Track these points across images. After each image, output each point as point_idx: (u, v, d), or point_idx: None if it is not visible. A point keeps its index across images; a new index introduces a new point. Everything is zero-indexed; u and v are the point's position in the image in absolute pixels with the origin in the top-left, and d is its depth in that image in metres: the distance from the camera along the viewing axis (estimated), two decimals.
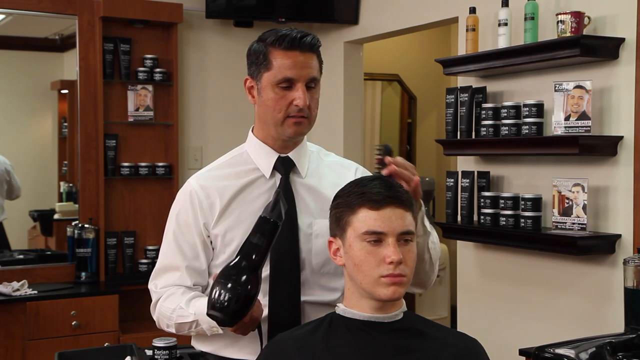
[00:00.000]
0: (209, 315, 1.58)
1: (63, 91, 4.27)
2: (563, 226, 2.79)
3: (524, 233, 2.92)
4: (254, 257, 1.57)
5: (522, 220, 2.93)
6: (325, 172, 1.88)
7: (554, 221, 2.83)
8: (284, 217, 1.61)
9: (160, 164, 4.08)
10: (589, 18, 2.79)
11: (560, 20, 2.76)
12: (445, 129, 3.33)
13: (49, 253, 4.19)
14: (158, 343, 1.81)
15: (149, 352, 1.85)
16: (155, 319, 1.85)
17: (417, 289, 1.84)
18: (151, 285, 1.86)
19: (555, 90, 2.79)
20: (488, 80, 3.27)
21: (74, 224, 3.92)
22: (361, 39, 4.25)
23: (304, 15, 4.26)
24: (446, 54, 5.30)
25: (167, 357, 1.80)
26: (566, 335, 2.56)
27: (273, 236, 1.59)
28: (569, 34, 2.74)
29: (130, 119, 4.04)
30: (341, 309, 1.59)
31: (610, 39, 2.74)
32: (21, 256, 4.06)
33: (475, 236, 3.22)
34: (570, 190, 2.78)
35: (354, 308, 1.57)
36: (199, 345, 1.85)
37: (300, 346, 1.54)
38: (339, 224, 1.58)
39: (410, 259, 1.54)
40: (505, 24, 3.04)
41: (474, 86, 3.24)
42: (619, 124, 2.75)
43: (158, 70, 4.06)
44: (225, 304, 1.53)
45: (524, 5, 2.97)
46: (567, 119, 2.75)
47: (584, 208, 2.73)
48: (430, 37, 5.58)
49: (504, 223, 3.01)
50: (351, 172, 1.90)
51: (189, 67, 4.30)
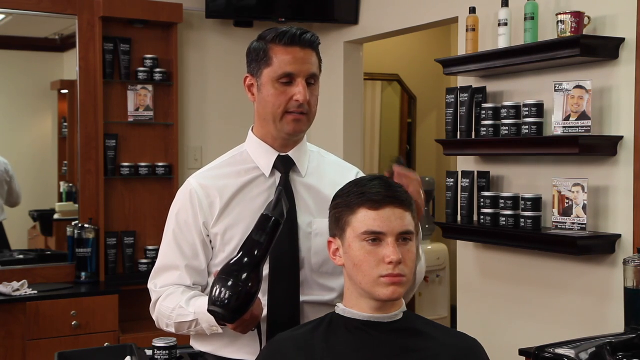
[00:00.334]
0: (209, 312, 1.58)
1: (63, 91, 4.27)
2: (563, 226, 2.79)
3: (524, 233, 2.92)
4: (255, 255, 1.57)
5: (522, 220, 2.93)
6: (326, 172, 1.88)
7: (554, 221, 2.83)
8: (285, 216, 1.61)
9: (160, 164, 4.08)
10: (589, 18, 2.79)
11: (560, 20, 2.76)
12: (445, 129, 3.33)
13: (49, 253, 4.19)
14: (158, 343, 1.81)
15: (149, 352, 1.85)
16: (154, 318, 1.85)
17: None
18: (151, 285, 1.86)
19: (555, 90, 2.79)
20: (488, 80, 3.27)
21: (74, 224, 3.91)
22: (361, 39, 4.25)
23: (304, 15, 4.26)
24: (446, 54, 5.29)
25: (167, 357, 1.80)
26: (566, 335, 2.56)
27: (275, 234, 1.59)
28: (569, 34, 2.74)
29: (130, 119, 4.04)
30: (341, 309, 1.59)
31: (610, 39, 2.74)
32: (21, 256, 4.06)
33: (475, 236, 3.22)
34: (570, 190, 2.77)
35: (353, 308, 1.57)
36: (198, 345, 1.85)
37: (300, 346, 1.54)
38: (338, 224, 1.58)
39: (410, 259, 1.54)
40: (505, 24, 3.04)
41: (474, 86, 3.24)
42: (619, 124, 2.75)
43: (158, 70, 4.06)
44: (226, 300, 1.53)
45: (524, 5, 2.97)
46: (567, 119, 2.75)
47: (584, 208, 2.73)
48: (430, 37, 5.58)
49: (504, 223, 3.01)
50: (352, 174, 1.91)
51: (189, 67, 4.30)
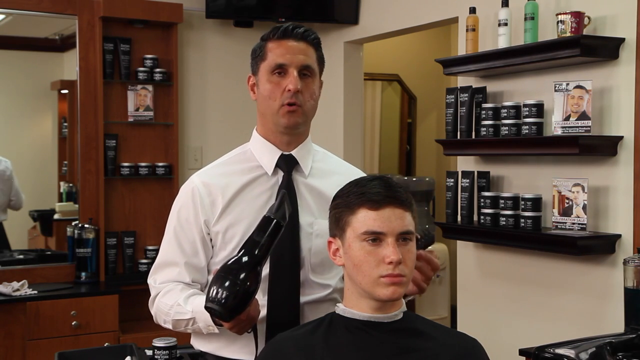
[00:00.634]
0: (206, 308, 1.58)
1: (63, 91, 4.27)
2: (563, 226, 2.79)
3: (524, 233, 2.92)
4: (255, 255, 1.58)
5: (522, 220, 2.93)
6: (329, 173, 1.89)
7: (554, 221, 2.83)
8: (287, 219, 1.62)
9: (160, 164, 4.08)
10: (589, 18, 2.78)
11: (560, 20, 2.76)
12: (445, 129, 3.33)
13: (49, 253, 4.19)
14: (158, 343, 1.81)
15: (149, 352, 1.85)
16: (152, 313, 1.87)
17: None
18: (150, 280, 1.87)
19: (555, 90, 2.79)
20: (488, 80, 3.27)
21: (74, 224, 3.91)
22: (361, 39, 4.25)
23: (304, 15, 4.26)
24: (446, 54, 5.29)
25: (167, 357, 1.80)
26: (566, 335, 2.56)
27: (275, 236, 1.60)
28: (569, 34, 2.74)
29: (130, 119, 4.04)
30: (341, 309, 1.59)
31: (610, 39, 2.74)
32: (21, 256, 4.06)
33: (475, 236, 3.22)
34: (570, 190, 2.77)
35: (353, 308, 1.56)
36: (198, 345, 1.86)
37: (300, 346, 1.54)
38: (338, 224, 1.57)
39: (410, 259, 1.54)
40: (505, 24, 3.04)
41: (474, 86, 3.24)
42: (619, 124, 2.75)
43: (158, 70, 4.06)
44: (224, 299, 1.53)
45: (524, 5, 2.97)
46: (567, 119, 2.75)
47: (584, 208, 2.73)
48: (430, 37, 5.58)
49: (504, 223, 3.01)
50: (356, 177, 1.90)
51: (189, 67, 4.30)
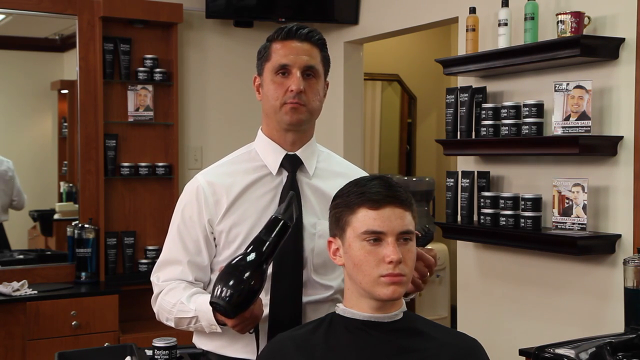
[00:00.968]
0: (211, 304, 1.60)
1: (63, 91, 4.27)
2: (563, 226, 2.79)
3: (524, 233, 2.92)
4: (261, 253, 1.59)
5: (522, 220, 2.93)
6: (333, 174, 1.89)
7: (554, 221, 2.83)
8: (294, 221, 1.64)
9: (160, 164, 4.08)
10: (589, 18, 2.79)
11: (560, 20, 2.76)
12: (445, 129, 3.33)
13: (49, 253, 4.19)
14: (158, 343, 1.81)
15: (149, 352, 1.85)
16: (155, 311, 1.87)
17: None
18: (153, 278, 1.88)
19: (555, 90, 2.79)
20: (488, 80, 3.27)
21: (74, 224, 3.91)
22: (361, 39, 4.25)
23: (304, 15, 4.26)
24: (446, 54, 5.29)
25: (167, 357, 1.80)
26: (566, 335, 2.56)
27: (282, 236, 1.62)
28: (569, 34, 2.74)
29: (130, 119, 4.04)
30: (341, 308, 1.59)
31: (610, 39, 2.74)
32: (21, 256, 4.06)
33: (475, 236, 3.22)
34: (570, 190, 2.77)
35: (353, 308, 1.57)
36: (200, 343, 1.86)
37: (300, 346, 1.54)
38: (338, 224, 1.58)
39: (410, 259, 1.54)
40: (505, 24, 3.04)
41: (474, 86, 3.24)
42: (619, 124, 2.75)
43: (158, 70, 4.06)
44: (228, 296, 1.55)
45: (524, 5, 2.97)
46: (567, 119, 2.75)
47: (584, 208, 2.73)
48: (430, 37, 5.57)
49: (504, 223, 3.01)
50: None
51: (189, 67, 4.29)
